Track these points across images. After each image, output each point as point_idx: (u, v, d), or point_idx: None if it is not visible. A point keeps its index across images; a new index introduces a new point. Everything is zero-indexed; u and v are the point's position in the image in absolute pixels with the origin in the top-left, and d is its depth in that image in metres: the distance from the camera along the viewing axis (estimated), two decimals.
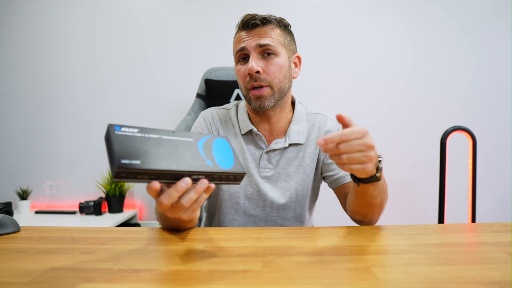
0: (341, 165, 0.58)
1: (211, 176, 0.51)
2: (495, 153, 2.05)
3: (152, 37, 2.07)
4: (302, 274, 0.45)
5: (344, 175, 0.88)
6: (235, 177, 0.54)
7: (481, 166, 1.95)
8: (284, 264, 0.49)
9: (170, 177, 0.48)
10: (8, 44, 2.08)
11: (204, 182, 0.50)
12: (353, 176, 0.69)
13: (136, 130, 0.48)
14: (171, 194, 0.48)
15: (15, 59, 2.09)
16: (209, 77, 1.63)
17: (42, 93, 2.09)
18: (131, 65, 2.08)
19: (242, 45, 0.84)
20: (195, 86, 1.86)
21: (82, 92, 2.08)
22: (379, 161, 0.64)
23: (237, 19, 0.88)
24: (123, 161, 0.43)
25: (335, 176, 0.89)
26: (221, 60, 2.02)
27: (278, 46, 0.83)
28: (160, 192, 0.49)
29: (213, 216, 0.97)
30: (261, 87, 0.83)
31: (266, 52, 0.83)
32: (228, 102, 1.61)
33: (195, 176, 0.49)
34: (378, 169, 0.65)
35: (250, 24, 0.83)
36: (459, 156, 1.89)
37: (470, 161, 1.65)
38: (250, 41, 0.83)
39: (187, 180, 0.48)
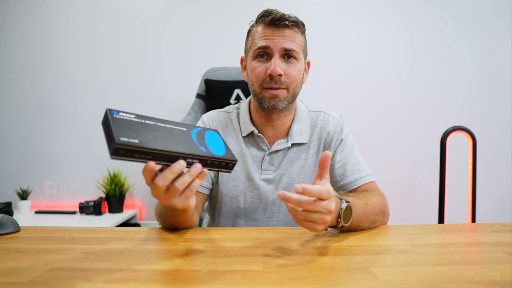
0: (295, 217, 0.56)
1: (205, 161, 0.54)
2: (495, 153, 2.05)
3: (152, 38, 2.07)
4: (302, 274, 0.45)
5: (349, 182, 0.86)
6: (227, 164, 0.56)
7: (481, 166, 1.95)
8: (284, 264, 0.49)
9: (166, 159, 0.50)
10: (8, 44, 2.08)
11: (198, 166, 0.53)
12: None
13: (133, 116, 0.51)
14: (166, 175, 0.50)
15: (15, 59, 2.09)
16: (209, 77, 1.63)
17: (42, 93, 2.09)
18: (131, 65, 2.08)
19: (266, 43, 0.80)
20: (195, 86, 1.86)
21: (82, 92, 2.08)
22: (339, 214, 0.61)
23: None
24: (122, 139, 0.45)
25: (341, 183, 0.87)
26: (221, 61, 2.02)
27: (300, 51, 0.82)
28: (154, 176, 0.51)
29: (214, 219, 0.96)
30: (279, 88, 0.81)
31: (287, 55, 0.81)
32: (228, 102, 1.61)
33: (189, 160, 0.52)
34: (340, 221, 0.62)
35: (279, 24, 0.79)
36: (459, 156, 1.89)
37: (470, 161, 1.65)
38: (276, 42, 0.79)
39: (182, 163, 0.51)
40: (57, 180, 2.07)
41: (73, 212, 1.94)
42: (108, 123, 0.47)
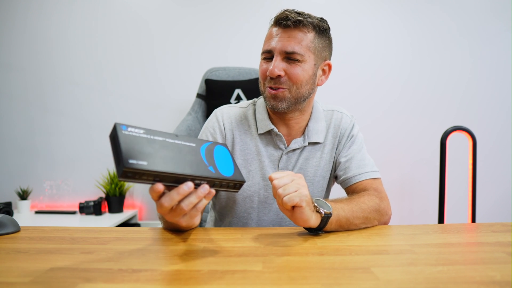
0: (280, 203, 0.61)
1: (212, 182, 0.53)
2: (495, 153, 2.05)
3: (153, 38, 2.07)
4: (302, 274, 0.45)
5: (352, 175, 0.86)
6: (235, 185, 0.56)
7: (481, 166, 1.95)
8: (284, 264, 0.49)
9: (173, 180, 0.49)
10: (9, 44, 2.08)
11: (205, 188, 0.51)
12: (308, 229, 0.68)
13: (142, 131, 0.49)
14: (173, 196, 0.49)
15: (16, 59, 2.09)
16: (210, 77, 1.63)
17: (42, 93, 2.09)
18: (131, 65, 2.08)
19: (269, 47, 0.80)
20: (195, 86, 1.86)
21: (82, 92, 2.08)
22: (315, 205, 0.65)
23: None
24: (131, 161, 0.44)
25: (344, 177, 0.88)
26: (223, 60, 2.02)
27: (306, 53, 0.79)
28: (161, 195, 0.50)
29: (224, 219, 0.94)
30: (279, 88, 0.80)
31: (292, 57, 0.79)
32: (229, 102, 1.61)
33: (197, 181, 0.51)
34: (321, 212, 0.65)
35: (282, 23, 0.79)
36: (459, 156, 1.89)
37: (470, 161, 1.65)
38: (277, 44, 0.79)
39: (189, 184, 0.49)
40: (57, 180, 2.07)
41: (73, 212, 1.94)
42: (117, 140, 0.46)
